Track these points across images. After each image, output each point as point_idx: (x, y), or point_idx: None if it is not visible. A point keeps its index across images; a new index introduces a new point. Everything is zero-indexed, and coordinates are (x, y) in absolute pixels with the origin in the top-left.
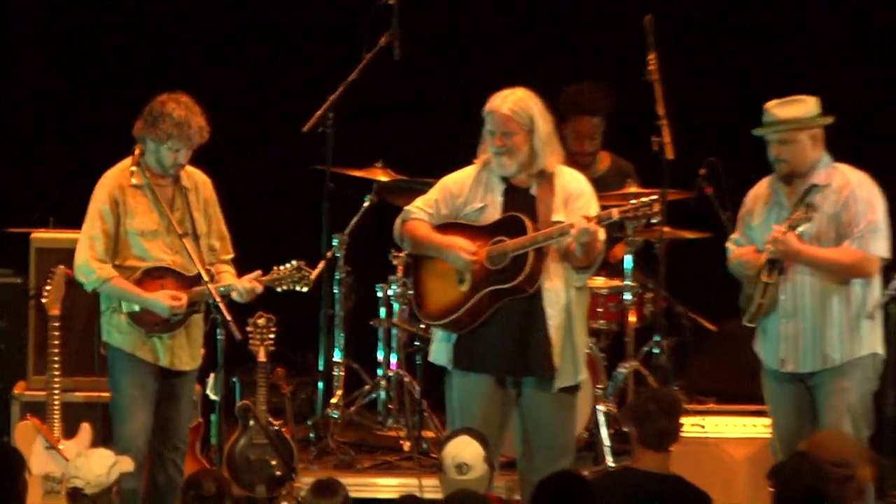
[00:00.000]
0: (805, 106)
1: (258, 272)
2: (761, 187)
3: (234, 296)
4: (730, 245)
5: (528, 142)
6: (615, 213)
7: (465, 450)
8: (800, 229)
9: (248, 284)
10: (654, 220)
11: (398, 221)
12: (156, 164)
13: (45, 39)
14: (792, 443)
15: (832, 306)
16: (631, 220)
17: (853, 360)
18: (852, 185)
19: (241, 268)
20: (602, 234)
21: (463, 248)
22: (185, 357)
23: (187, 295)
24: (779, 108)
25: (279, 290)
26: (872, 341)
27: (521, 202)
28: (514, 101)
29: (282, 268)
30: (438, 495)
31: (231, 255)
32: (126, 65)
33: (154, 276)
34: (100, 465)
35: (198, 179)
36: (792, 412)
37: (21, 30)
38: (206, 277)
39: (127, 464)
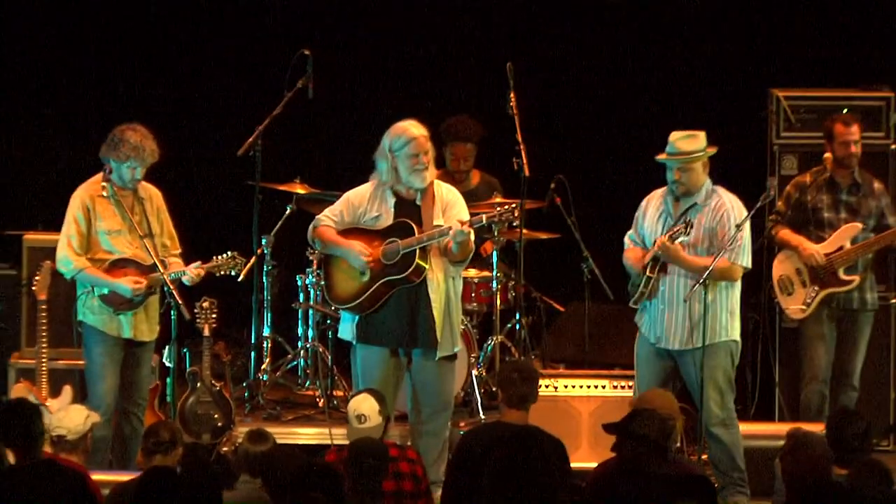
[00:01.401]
0: (699, 140)
1: (199, 262)
2: (655, 196)
3: (185, 279)
4: (626, 239)
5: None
6: (484, 218)
7: (363, 404)
8: (678, 241)
9: (193, 271)
10: (514, 224)
11: (311, 227)
12: (118, 179)
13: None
14: None
15: (701, 300)
16: (496, 223)
17: (715, 344)
18: (726, 206)
19: (190, 262)
20: (472, 235)
21: (360, 250)
22: (145, 330)
23: (146, 280)
24: (682, 142)
25: (217, 274)
26: (730, 330)
27: (409, 211)
28: (422, 128)
29: (220, 257)
30: (346, 441)
31: (179, 251)
32: (97, 99)
33: (119, 265)
34: (77, 417)
35: (151, 192)
36: (655, 377)
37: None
38: (161, 268)
39: (96, 417)
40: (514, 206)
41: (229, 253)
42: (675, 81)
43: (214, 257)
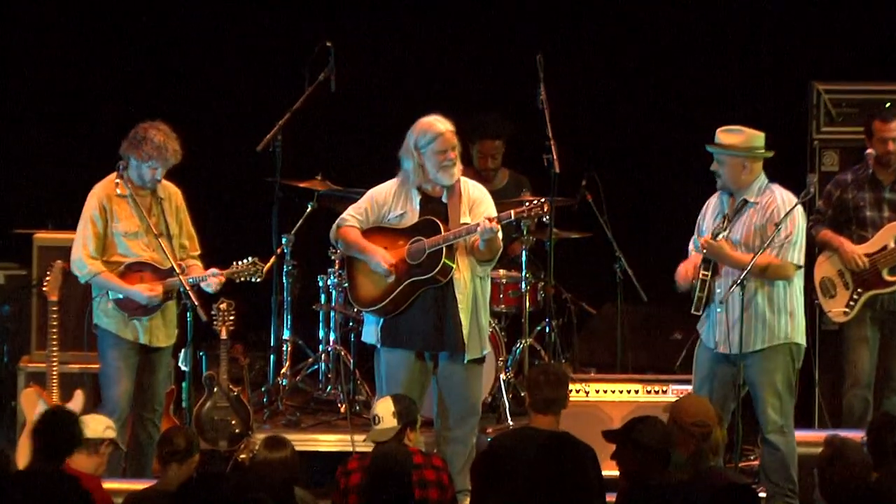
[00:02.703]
0: (741, 137)
1: (216, 270)
2: (714, 197)
3: (204, 286)
4: (690, 245)
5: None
6: (513, 214)
7: (378, 406)
8: (719, 237)
9: (214, 279)
10: (544, 220)
11: (334, 227)
12: (137, 179)
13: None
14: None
15: (758, 301)
16: (525, 219)
17: (773, 347)
18: (776, 202)
19: (208, 262)
20: (500, 232)
21: (383, 257)
22: (161, 336)
23: (162, 286)
24: (722, 134)
25: (237, 281)
26: (791, 332)
27: (435, 208)
28: (448, 123)
29: (240, 263)
30: (368, 448)
31: (199, 252)
32: (113, 95)
33: (135, 269)
34: (99, 424)
35: (171, 190)
36: (715, 385)
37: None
38: (178, 271)
39: (113, 433)
40: (542, 200)
41: (250, 258)
42: (713, 74)
43: (234, 263)
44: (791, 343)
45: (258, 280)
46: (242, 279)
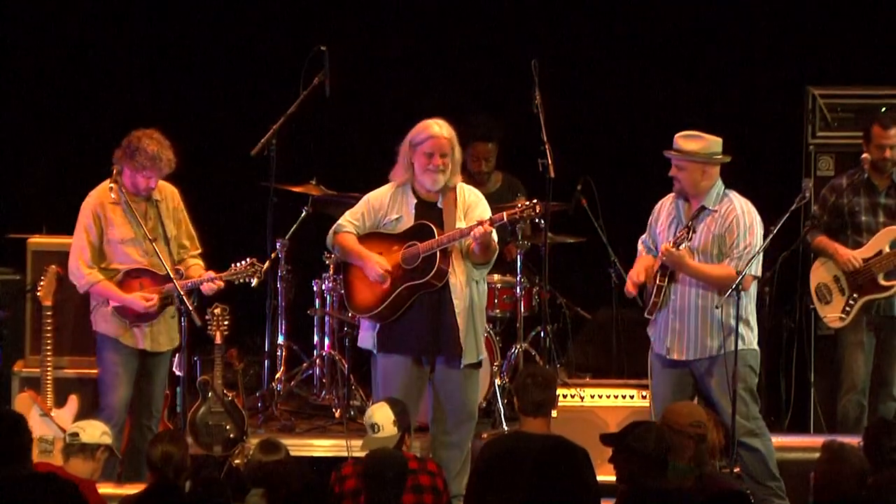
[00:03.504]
0: (703, 143)
1: (212, 273)
2: (668, 200)
3: (204, 289)
4: (640, 245)
5: (453, 161)
6: (505, 216)
7: (377, 413)
8: (682, 247)
9: (210, 285)
10: (538, 221)
11: (331, 233)
12: (131, 186)
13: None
14: None
15: (713, 309)
16: (518, 221)
17: (730, 353)
18: (737, 211)
19: (205, 265)
20: (494, 235)
21: (378, 263)
22: (163, 340)
23: (158, 295)
24: (681, 140)
25: (237, 282)
26: (748, 339)
27: (430, 213)
28: (446, 128)
29: (238, 265)
30: (363, 453)
31: (199, 251)
32: (106, 98)
33: (133, 275)
34: (96, 430)
35: (166, 191)
36: (670, 390)
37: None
38: (173, 276)
39: (109, 440)
40: (535, 201)
41: (248, 260)
42: (708, 78)
43: (233, 265)
44: (748, 349)
45: (258, 280)
46: (241, 280)
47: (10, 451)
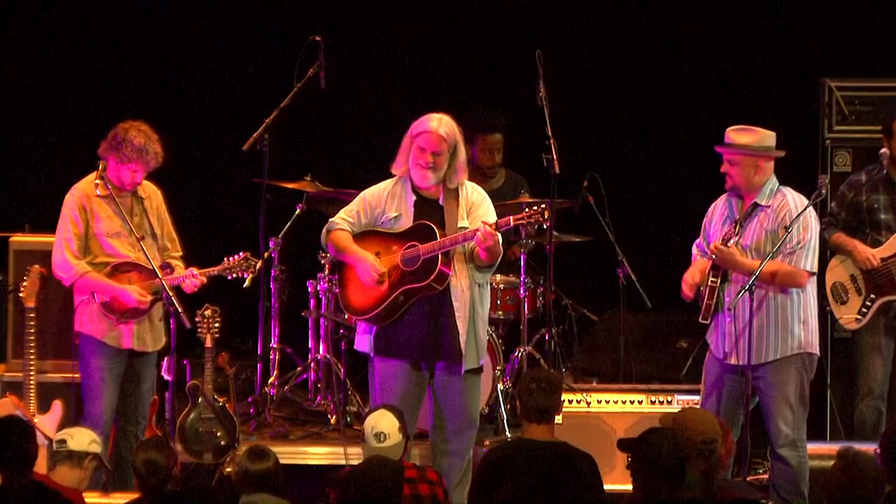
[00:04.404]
0: (754, 136)
1: (192, 269)
2: (721, 200)
3: (185, 287)
4: (694, 249)
5: (448, 161)
6: (512, 221)
7: (381, 421)
8: (730, 243)
9: (191, 281)
10: (544, 227)
11: (324, 231)
12: (115, 180)
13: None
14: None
15: (769, 309)
16: (524, 226)
17: (786, 358)
18: (789, 206)
19: (193, 265)
20: (500, 238)
21: (373, 266)
22: (148, 340)
23: (151, 288)
24: (734, 133)
25: (229, 277)
26: (804, 341)
27: (431, 211)
28: (445, 125)
29: (232, 258)
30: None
31: (180, 253)
32: (91, 92)
33: (122, 269)
34: (85, 437)
35: (150, 190)
36: (725, 396)
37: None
38: (160, 274)
39: (98, 448)
40: (543, 207)
41: (242, 254)
42: (720, 70)
43: (226, 259)
44: (804, 353)
45: (251, 276)
46: (235, 275)
47: (19, 459)
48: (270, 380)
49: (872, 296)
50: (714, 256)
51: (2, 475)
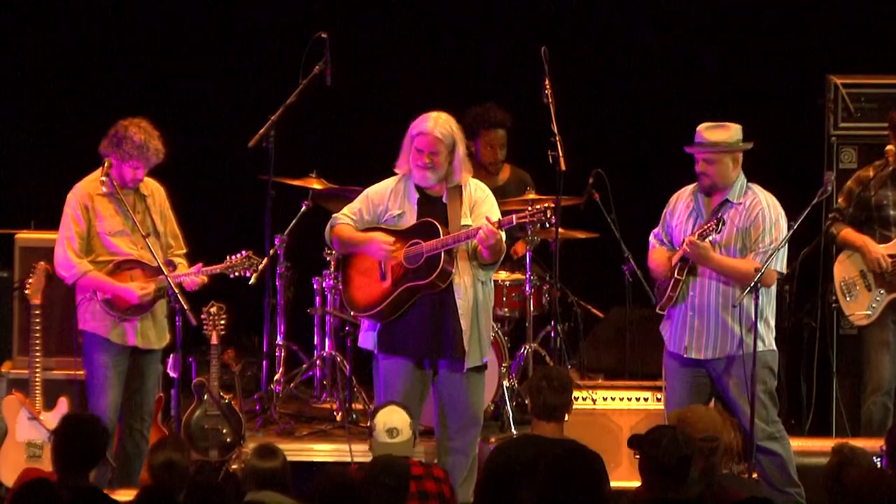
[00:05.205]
0: (730, 132)
1: (199, 265)
2: (685, 192)
3: (187, 284)
4: (652, 239)
5: (448, 160)
6: (514, 219)
7: (394, 416)
8: (708, 238)
9: (195, 278)
10: (548, 224)
11: (328, 226)
12: (118, 178)
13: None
14: None
15: (733, 306)
16: (528, 224)
17: (748, 354)
18: (762, 205)
19: (198, 262)
20: (503, 236)
21: (382, 240)
22: (152, 337)
23: (154, 283)
24: (708, 132)
25: (232, 276)
26: (767, 340)
27: (434, 209)
28: (441, 125)
29: (234, 257)
30: (366, 458)
31: (184, 251)
32: (96, 89)
33: (125, 267)
34: None
35: (153, 187)
36: (686, 390)
37: None
38: (166, 271)
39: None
40: (547, 205)
41: (244, 252)
42: (725, 68)
43: (228, 257)
44: (767, 351)
45: (255, 275)
46: (238, 273)
47: (89, 457)
48: (276, 377)
49: (882, 291)
50: (687, 250)
51: (58, 473)
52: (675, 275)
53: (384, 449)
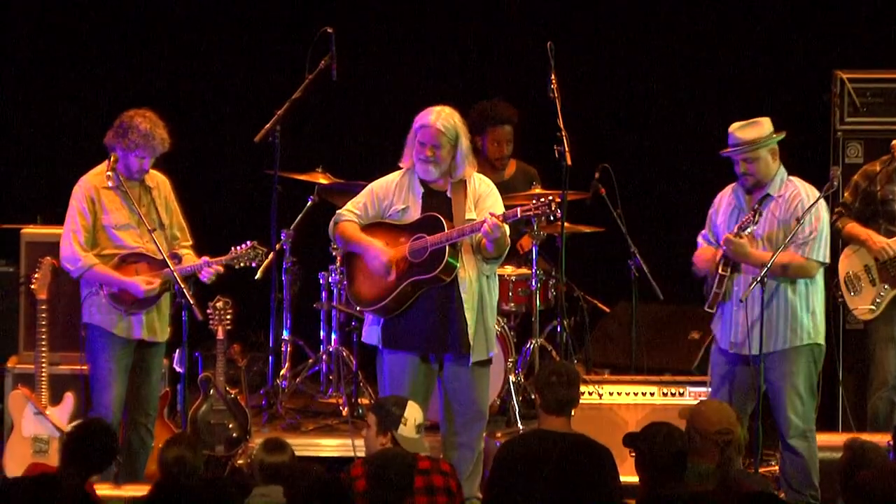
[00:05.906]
0: (762, 127)
1: (206, 257)
2: (727, 191)
3: (202, 276)
4: (700, 240)
5: (451, 154)
6: (519, 212)
7: (419, 413)
8: (746, 231)
9: (210, 269)
10: (553, 217)
11: (332, 222)
12: (123, 169)
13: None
14: None
15: (779, 300)
16: (532, 217)
17: (795, 348)
18: (801, 195)
19: (201, 256)
20: (507, 230)
21: (382, 251)
22: (158, 329)
23: (160, 277)
24: (741, 131)
25: (237, 266)
26: (814, 332)
27: (438, 203)
28: (444, 119)
29: (239, 248)
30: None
31: (190, 243)
32: (102, 83)
33: (130, 261)
34: None
35: (158, 179)
36: (732, 387)
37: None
38: (171, 265)
39: None
40: (551, 198)
41: (249, 243)
42: (730, 61)
43: (233, 248)
44: (813, 344)
45: (259, 264)
46: (242, 264)
47: (102, 460)
48: (282, 372)
49: (886, 286)
50: (725, 247)
51: (66, 472)
52: (720, 271)
53: (413, 445)
